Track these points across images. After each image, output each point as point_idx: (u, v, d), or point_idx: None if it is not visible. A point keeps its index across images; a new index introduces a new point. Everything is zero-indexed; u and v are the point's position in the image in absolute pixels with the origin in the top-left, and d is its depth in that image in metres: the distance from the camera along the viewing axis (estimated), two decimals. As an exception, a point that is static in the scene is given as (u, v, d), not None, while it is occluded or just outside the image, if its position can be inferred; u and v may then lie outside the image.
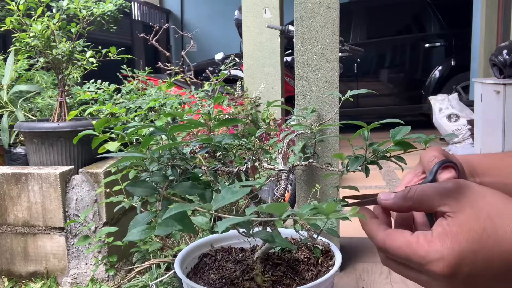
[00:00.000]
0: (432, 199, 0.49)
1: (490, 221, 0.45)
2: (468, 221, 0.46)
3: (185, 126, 0.60)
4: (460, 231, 0.45)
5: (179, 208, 0.48)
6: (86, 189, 1.93)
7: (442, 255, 0.45)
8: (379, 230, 0.51)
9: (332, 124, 1.65)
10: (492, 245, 0.45)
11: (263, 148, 0.84)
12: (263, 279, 0.62)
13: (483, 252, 0.45)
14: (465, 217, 0.46)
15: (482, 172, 0.64)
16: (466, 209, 0.46)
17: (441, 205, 0.48)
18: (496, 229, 0.45)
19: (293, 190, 2.24)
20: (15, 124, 2.07)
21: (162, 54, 3.69)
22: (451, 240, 0.45)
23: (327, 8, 1.69)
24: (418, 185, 0.51)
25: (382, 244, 0.50)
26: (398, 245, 0.48)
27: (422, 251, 0.46)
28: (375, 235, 0.51)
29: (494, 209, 0.46)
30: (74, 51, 2.03)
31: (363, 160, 0.61)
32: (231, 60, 3.50)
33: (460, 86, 6.22)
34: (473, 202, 0.47)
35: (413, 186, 0.51)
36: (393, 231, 0.50)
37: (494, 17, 5.33)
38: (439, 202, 0.48)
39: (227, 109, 3.00)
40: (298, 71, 1.74)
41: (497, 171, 0.65)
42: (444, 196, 0.48)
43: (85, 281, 1.95)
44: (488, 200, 0.47)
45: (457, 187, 0.48)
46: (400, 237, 0.49)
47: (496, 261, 0.45)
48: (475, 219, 0.46)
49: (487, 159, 0.67)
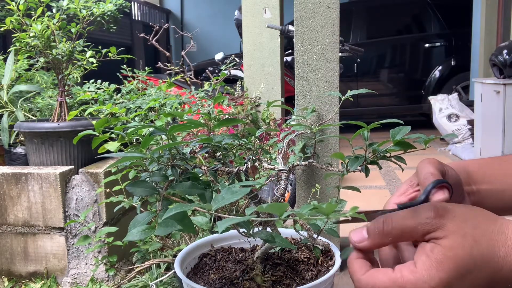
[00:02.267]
0: (413, 231, 0.48)
1: (476, 245, 0.45)
2: (453, 248, 0.45)
3: (185, 126, 0.60)
4: (446, 259, 0.45)
5: (179, 208, 0.49)
6: (86, 189, 1.93)
7: (430, 285, 0.45)
8: (361, 272, 0.50)
9: (332, 124, 1.65)
10: (479, 268, 0.45)
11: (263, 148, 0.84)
12: (263, 279, 0.62)
13: (470, 277, 0.45)
14: (450, 244, 0.45)
15: (479, 180, 0.64)
16: (451, 235, 0.46)
17: (424, 235, 0.47)
18: (482, 252, 0.45)
19: (293, 190, 2.24)
20: (15, 124, 2.07)
21: (162, 54, 3.69)
22: (437, 268, 0.45)
23: (327, 8, 1.69)
24: (392, 217, 0.49)
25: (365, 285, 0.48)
26: (382, 285, 0.47)
27: (409, 285, 0.45)
28: (356, 277, 0.50)
29: (478, 231, 0.46)
30: (74, 51, 2.03)
31: (363, 160, 0.61)
32: (231, 60, 3.50)
33: (460, 86, 6.22)
34: (458, 228, 0.46)
35: (386, 219, 0.50)
36: (375, 272, 0.49)
37: (494, 17, 5.33)
38: (422, 232, 0.47)
39: (227, 109, 3.00)
40: (298, 71, 1.74)
41: (494, 178, 0.64)
42: (426, 225, 0.47)
43: (85, 281, 1.95)
44: (470, 223, 0.47)
45: (437, 214, 0.47)
46: (383, 277, 0.48)
47: (483, 283, 0.45)
48: (461, 247, 0.45)
49: (485, 166, 0.66)
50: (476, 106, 4.14)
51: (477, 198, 0.64)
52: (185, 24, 9.74)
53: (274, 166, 0.72)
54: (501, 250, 0.45)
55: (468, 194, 0.64)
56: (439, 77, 6.37)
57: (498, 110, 3.53)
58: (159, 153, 0.61)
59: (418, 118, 6.90)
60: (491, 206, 0.63)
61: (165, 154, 0.61)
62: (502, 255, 0.45)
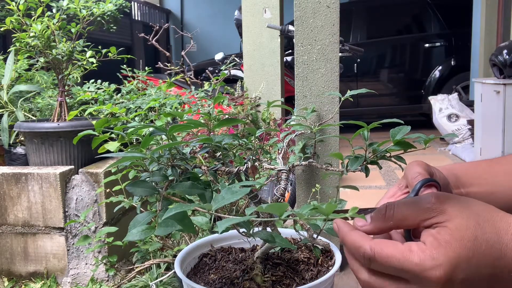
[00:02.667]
0: (415, 215, 0.48)
1: (480, 229, 0.46)
2: (458, 229, 0.46)
3: (185, 126, 0.60)
4: (453, 239, 0.45)
5: (179, 208, 0.49)
6: (86, 189, 1.93)
7: (439, 262, 0.44)
8: (366, 238, 0.48)
9: (332, 124, 1.65)
10: (483, 252, 0.45)
11: (263, 148, 0.84)
12: (263, 279, 0.62)
13: (476, 259, 0.45)
14: (455, 226, 0.46)
15: (467, 183, 0.64)
16: (454, 218, 0.46)
17: (426, 220, 0.47)
18: (486, 236, 0.45)
19: (293, 190, 2.24)
20: (15, 124, 2.07)
21: (162, 54, 3.69)
22: (445, 247, 0.45)
23: (327, 8, 1.69)
24: (395, 203, 0.50)
25: (371, 252, 0.47)
26: (390, 253, 0.46)
27: (417, 259, 0.45)
28: (362, 244, 0.48)
29: (481, 217, 0.47)
30: (74, 51, 2.03)
31: (363, 160, 0.61)
32: (231, 60, 3.50)
33: (460, 86, 6.22)
34: (460, 212, 0.47)
35: (389, 204, 0.50)
36: (382, 240, 0.48)
37: (494, 17, 5.32)
38: (423, 217, 0.47)
39: (227, 109, 3.00)
40: (298, 71, 1.74)
41: (483, 180, 0.64)
42: (428, 210, 0.47)
43: (85, 281, 1.95)
44: (473, 209, 0.47)
45: (438, 200, 0.48)
46: (390, 246, 0.47)
47: (489, 267, 0.45)
48: (465, 228, 0.46)
49: (473, 168, 0.66)
50: (476, 106, 4.14)
51: None
52: (185, 24, 9.74)
53: (274, 166, 0.72)
54: (504, 237, 0.46)
55: None
56: (439, 77, 6.37)
57: (498, 110, 3.53)
58: (159, 153, 0.61)
59: (418, 118, 6.90)
60: None
61: (165, 154, 0.61)
62: (505, 242, 0.46)
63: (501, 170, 0.65)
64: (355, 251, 0.49)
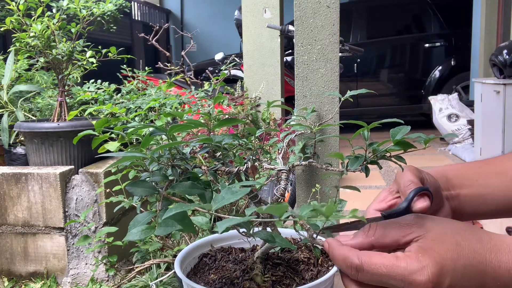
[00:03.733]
0: (395, 232, 0.50)
1: (459, 236, 0.48)
2: (439, 236, 0.48)
3: (185, 126, 0.60)
4: (435, 244, 0.47)
5: (179, 208, 0.48)
6: (86, 189, 1.93)
7: (425, 263, 0.46)
8: (354, 250, 0.50)
9: (332, 124, 1.65)
10: (467, 255, 0.47)
11: (263, 148, 0.84)
12: (263, 279, 0.62)
13: (462, 261, 0.47)
14: (435, 234, 0.48)
15: (457, 184, 0.65)
16: (433, 229, 0.49)
17: (406, 236, 0.50)
18: (468, 242, 0.48)
19: (293, 190, 2.24)
20: (15, 124, 2.07)
21: (162, 54, 3.69)
22: (429, 252, 0.47)
23: (327, 8, 1.69)
24: (377, 223, 0.52)
25: (358, 261, 0.48)
26: (377, 261, 0.48)
27: (404, 263, 0.47)
28: (349, 255, 0.49)
29: (459, 227, 0.50)
30: (74, 51, 2.03)
31: (363, 160, 0.61)
32: (231, 60, 3.50)
33: (460, 86, 6.22)
34: (437, 224, 0.50)
35: (373, 223, 0.52)
36: (369, 251, 0.50)
37: (494, 17, 5.33)
38: (404, 233, 0.50)
39: (227, 109, 3.00)
40: (298, 71, 1.74)
41: (474, 182, 0.65)
42: (407, 226, 0.50)
43: (85, 281, 1.95)
44: (449, 221, 0.51)
45: (417, 217, 0.51)
46: (377, 255, 0.49)
47: (473, 269, 0.47)
48: (444, 235, 0.48)
49: (465, 170, 0.67)
50: (476, 106, 4.14)
51: (456, 203, 0.64)
52: (185, 24, 9.74)
53: (274, 166, 0.72)
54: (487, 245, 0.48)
55: (448, 199, 0.64)
56: (439, 77, 6.37)
57: (498, 110, 3.53)
58: (159, 153, 0.61)
59: (418, 118, 6.90)
60: (471, 210, 0.64)
61: (165, 154, 0.61)
62: (489, 248, 0.47)
63: (492, 171, 0.66)
64: (342, 263, 0.50)
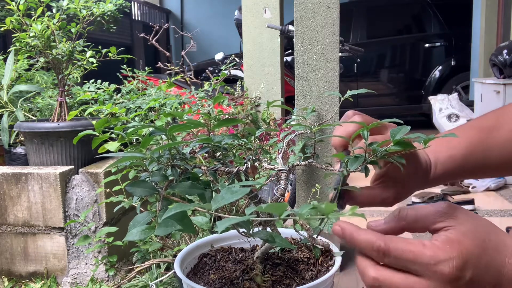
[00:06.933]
0: (427, 218, 0.51)
1: (487, 234, 0.49)
2: (469, 232, 0.49)
3: (185, 126, 0.60)
4: (465, 239, 0.48)
5: (179, 208, 0.48)
6: (86, 189, 1.93)
7: (452, 255, 0.47)
8: (380, 235, 0.50)
9: (332, 124, 1.64)
10: (491, 254, 0.48)
11: (263, 148, 0.84)
12: (263, 279, 0.62)
13: (485, 259, 0.48)
14: (466, 229, 0.49)
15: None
16: (464, 223, 0.50)
17: (436, 223, 0.50)
18: (493, 243, 0.49)
19: (293, 190, 2.24)
20: (15, 124, 2.07)
21: (162, 54, 3.69)
22: (458, 244, 0.48)
23: (327, 8, 1.69)
24: (408, 207, 0.53)
25: (385, 246, 0.48)
26: (404, 247, 0.48)
27: (431, 251, 0.47)
28: (376, 239, 0.49)
29: (487, 226, 0.51)
30: (74, 51, 2.03)
31: (363, 159, 0.61)
32: (231, 60, 3.50)
33: (460, 86, 6.22)
34: (470, 218, 0.51)
35: (403, 207, 0.53)
36: (395, 236, 0.50)
37: (494, 17, 5.33)
38: (435, 220, 0.50)
39: (227, 109, 3.00)
40: (298, 71, 1.74)
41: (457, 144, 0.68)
42: (440, 214, 0.50)
43: (85, 281, 1.95)
44: (479, 221, 0.51)
45: (450, 206, 0.51)
46: (404, 241, 0.49)
47: (493, 269, 0.48)
48: (475, 231, 0.49)
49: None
50: (476, 106, 4.14)
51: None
52: (185, 24, 9.74)
53: (274, 166, 0.72)
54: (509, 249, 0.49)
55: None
56: (439, 77, 6.37)
57: (498, 110, 3.53)
58: (159, 153, 0.61)
59: (418, 118, 6.89)
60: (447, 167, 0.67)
61: (165, 154, 0.61)
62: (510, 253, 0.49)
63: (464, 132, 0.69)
64: (367, 248, 0.50)
